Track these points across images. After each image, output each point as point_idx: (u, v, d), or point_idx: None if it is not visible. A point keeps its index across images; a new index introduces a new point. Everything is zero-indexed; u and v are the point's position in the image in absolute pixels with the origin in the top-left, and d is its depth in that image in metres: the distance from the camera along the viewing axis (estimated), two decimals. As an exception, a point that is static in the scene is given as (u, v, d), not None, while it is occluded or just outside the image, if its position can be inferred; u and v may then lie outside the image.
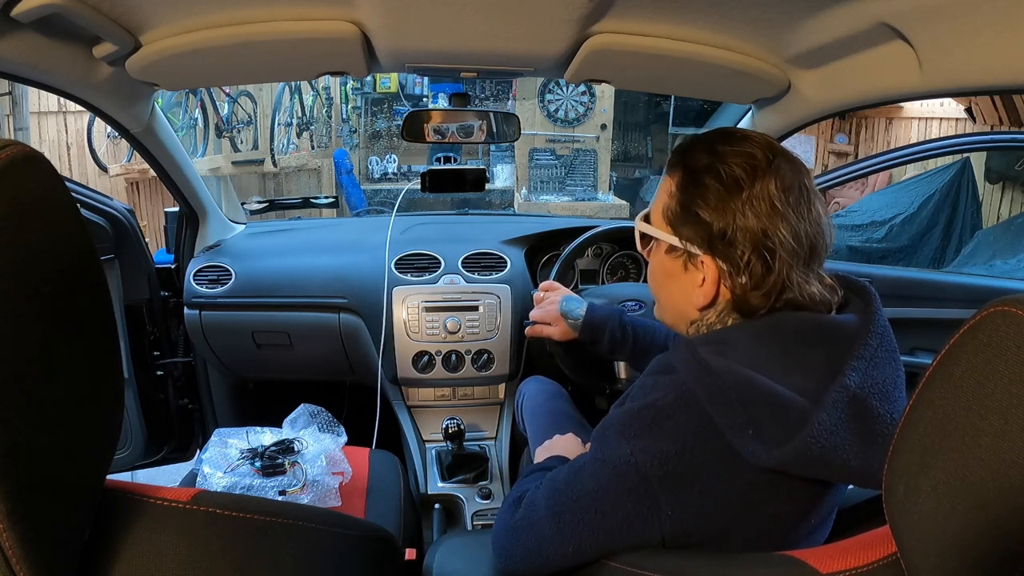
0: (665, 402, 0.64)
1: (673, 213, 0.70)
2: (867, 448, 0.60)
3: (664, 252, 0.73)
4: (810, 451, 0.58)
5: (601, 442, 0.67)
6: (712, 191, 0.67)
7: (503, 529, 0.74)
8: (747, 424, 0.60)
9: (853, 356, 0.63)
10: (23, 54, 0.81)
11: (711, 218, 0.67)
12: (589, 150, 5.67)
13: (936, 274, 1.83)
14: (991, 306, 0.39)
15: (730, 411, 0.60)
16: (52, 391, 0.40)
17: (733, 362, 0.62)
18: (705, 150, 0.69)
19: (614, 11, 0.84)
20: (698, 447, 0.61)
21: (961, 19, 0.67)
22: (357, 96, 5.99)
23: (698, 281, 0.70)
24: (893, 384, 0.65)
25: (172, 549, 0.49)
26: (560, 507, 0.67)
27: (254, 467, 1.07)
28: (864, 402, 0.61)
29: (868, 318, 0.67)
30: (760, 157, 0.66)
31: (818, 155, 6.50)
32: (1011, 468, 0.35)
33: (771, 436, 0.59)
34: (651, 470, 0.62)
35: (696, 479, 0.61)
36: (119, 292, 1.54)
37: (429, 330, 1.47)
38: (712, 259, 0.67)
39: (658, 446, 0.62)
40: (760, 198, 0.65)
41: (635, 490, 0.62)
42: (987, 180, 4.97)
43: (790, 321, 0.66)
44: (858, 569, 0.49)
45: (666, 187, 0.72)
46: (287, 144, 5.49)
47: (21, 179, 0.40)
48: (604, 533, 0.64)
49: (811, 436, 0.58)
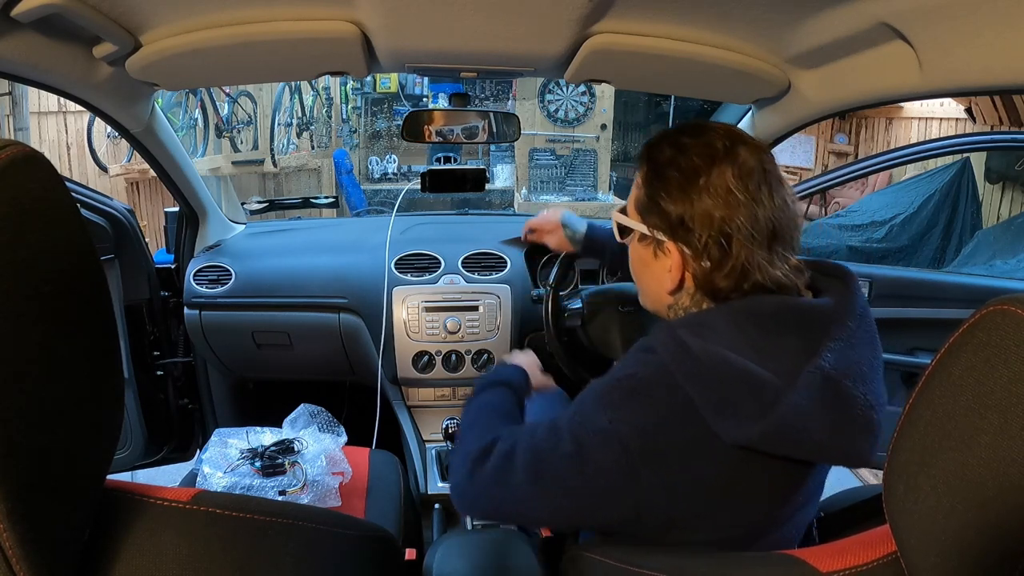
0: (643, 376, 0.66)
1: (642, 204, 0.74)
2: (838, 427, 0.62)
3: (637, 241, 0.77)
4: (780, 430, 0.60)
5: (580, 407, 0.69)
6: (673, 181, 0.70)
7: (468, 478, 0.72)
8: (722, 402, 0.62)
9: (830, 338, 0.65)
10: (23, 54, 0.81)
11: (672, 207, 0.70)
12: (589, 150, 5.67)
13: (936, 274, 1.83)
14: (990, 305, 0.39)
15: (707, 389, 0.62)
16: (52, 391, 0.40)
17: (711, 343, 0.64)
18: (669, 143, 0.73)
19: (614, 11, 0.84)
20: (675, 423, 0.63)
21: (961, 19, 0.67)
22: (357, 96, 5.99)
23: (667, 267, 0.73)
24: (870, 366, 0.66)
25: (172, 549, 0.49)
26: (541, 468, 0.67)
27: (254, 467, 1.08)
28: (839, 383, 0.63)
29: (846, 301, 0.69)
30: (719, 147, 0.69)
31: (818, 155, 6.51)
32: (1011, 466, 0.35)
33: (744, 414, 0.61)
34: (630, 440, 0.63)
35: (673, 454, 0.63)
36: (119, 292, 1.54)
37: (429, 330, 1.47)
38: (675, 244, 0.71)
39: (635, 417, 0.64)
40: (717, 185, 0.68)
41: (615, 459, 0.64)
42: (987, 180, 4.97)
43: (767, 304, 0.68)
44: (858, 568, 0.49)
45: (637, 180, 0.76)
46: (287, 144, 5.49)
47: (21, 179, 0.40)
48: (582, 498, 0.65)
49: (782, 415, 0.60)
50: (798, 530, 0.74)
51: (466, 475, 0.72)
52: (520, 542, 1.00)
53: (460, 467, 0.74)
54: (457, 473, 0.75)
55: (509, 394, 0.89)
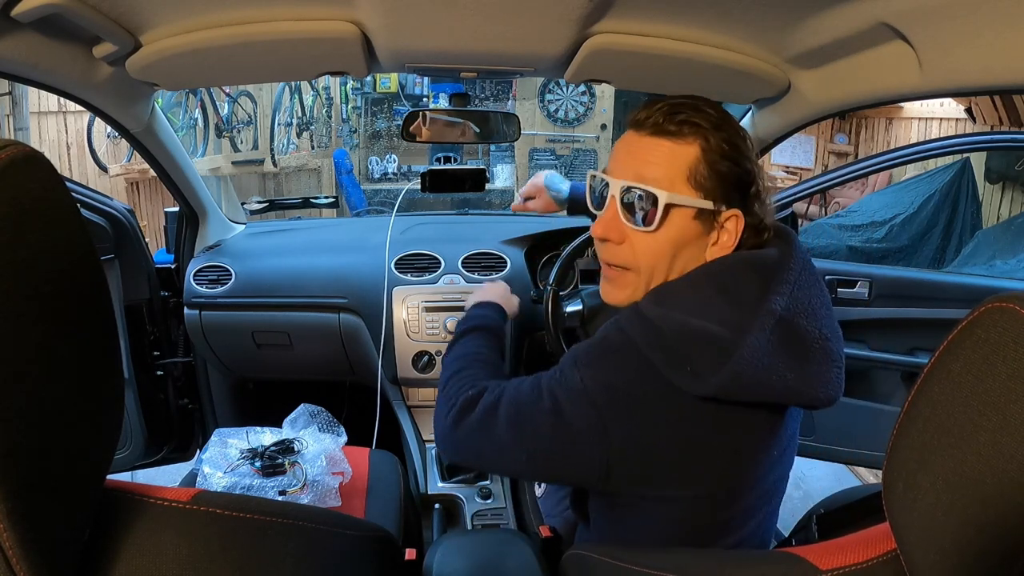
0: (613, 339, 0.71)
1: (703, 176, 0.71)
2: (802, 364, 0.66)
3: (691, 219, 0.72)
4: (744, 372, 0.63)
5: (559, 369, 0.74)
6: (742, 148, 0.72)
7: (452, 424, 0.78)
8: (683, 360, 0.65)
9: (777, 283, 0.68)
10: (23, 54, 0.81)
11: (751, 166, 0.72)
12: (589, 150, 5.67)
13: (936, 274, 1.83)
14: (989, 302, 0.39)
15: (665, 352, 0.66)
16: (52, 391, 0.40)
17: (669, 308, 0.68)
18: (702, 105, 0.72)
19: (614, 11, 0.84)
20: (640, 379, 0.67)
21: (961, 19, 0.67)
22: (357, 96, 5.99)
23: (714, 239, 0.73)
24: (820, 303, 0.71)
25: (172, 549, 0.49)
26: (521, 421, 0.73)
27: (254, 467, 1.08)
28: (792, 322, 0.67)
29: (788, 249, 0.73)
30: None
31: (818, 155, 6.51)
32: (1010, 463, 0.35)
33: (706, 366, 0.64)
34: (599, 396, 0.68)
35: (640, 407, 0.67)
36: (119, 292, 1.53)
37: (429, 330, 1.47)
38: (738, 211, 0.72)
39: (605, 376, 0.69)
40: (749, 143, 0.73)
41: (586, 414, 0.68)
42: (987, 180, 4.97)
43: (721, 263, 0.72)
44: (857, 566, 0.49)
45: (679, 152, 0.71)
46: (287, 144, 5.49)
47: (21, 179, 0.40)
48: (556, 449, 0.71)
49: (742, 358, 0.63)
50: (777, 494, 0.77)
51: (451, 423, 0.78)
52: (520, 542, 1.00)
53: (445, 415, 0.79)
54: (442, 421, 0.79)
55: (489, 338, 0.94)
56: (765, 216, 0.74)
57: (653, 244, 0.73)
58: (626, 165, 0.73)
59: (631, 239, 0.74)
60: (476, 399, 0.77)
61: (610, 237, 0.75)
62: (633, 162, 0.73)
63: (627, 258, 0.75)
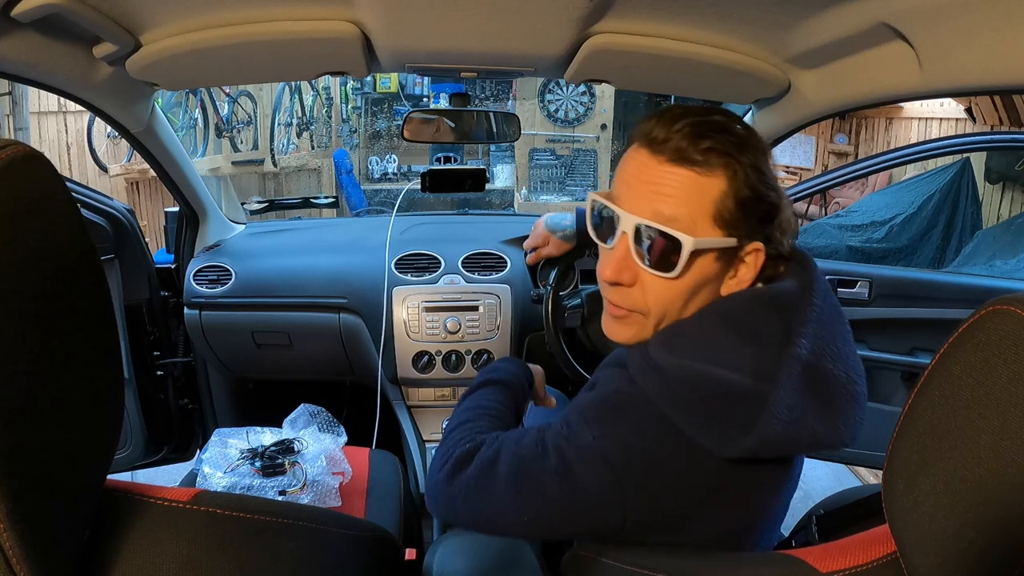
0: (625, 393, 0.64)
1: (729, 212, 0.62)
2: (828, 410, 0.61)
3: (713, 260, 0.64)
4: (775, 431, 0.58)
5: (566, 422, 0.67)
6: (767, 174, 0.64)
7: (445, 479, 0.70)
8: (707, 419, 0.60)
9: (800, 322, 0.62)
10: (23, 54, 0.81)
11: (767, 202, 0.63)
12: (589, 150, 5.67)
13: (936, 274, 1.83)
14: (990, 305, 0.39)
15: (686, 409, 0.60)
16: (52, 391, 0.40)
17: (683, 356, 0.61)
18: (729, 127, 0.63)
19: (614, 11, 0.84)
20: (658, 439, 0.61)
21: (961, 19, 0.67)
22: (357, 96, 5.99)
23: (732, 274, 0.66)
24: (843, 340, 0.65)
25: (172, 549, 0.49)
26: (524, 479, 0.65)
27: (254, 467, 1.08)
28: (819, 367, 0.61)
29: (808, 280, 0.66)
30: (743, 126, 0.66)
31: (818, 155, 6.51)
32: (1010, 467, 0.35)
33: (733, 426, 0.59)
34: (615, 457, 0.62)
35: (659, 469, 0.61)
36: (119, 292, 1.54)
37: (429, 330, 1.47)
38: (760, 244, 0.65)
39: (620, 434, 0.62)
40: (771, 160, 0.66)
41: (599, 475, 0.62)
42: (987, 180, 4.97)
43: (736, 300, 0.65)
44: (857, 568, 0.49)
45: (705, 186, 0.62)
46: (287, 144, 5.49)
47: (22, 179, 0.40)
48: (563, 509, 0.64)
49: (773, 416, 0.58)
50: (783, 510, 0.74)
51: (444, 478, 0.70)
52: (520, 542, 1.00)
53: (439, 469, 0.71)
54: (435, 475, 0.71)
55: (506, 395, 0.85)
56: (786, 243, 0.67)
57: (671, 290, 0.65)
58: (641, 197, 0.63)
59: (643, 282, 0.66)
60: (472, 453, 0.70)
61: (622, 281, 0.66)
62: (650, 195, 0.63)
63: (638, 302, 0.67)
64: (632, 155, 0.66)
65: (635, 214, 0.63)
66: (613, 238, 0.66)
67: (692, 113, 0.63)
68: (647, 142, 0.64)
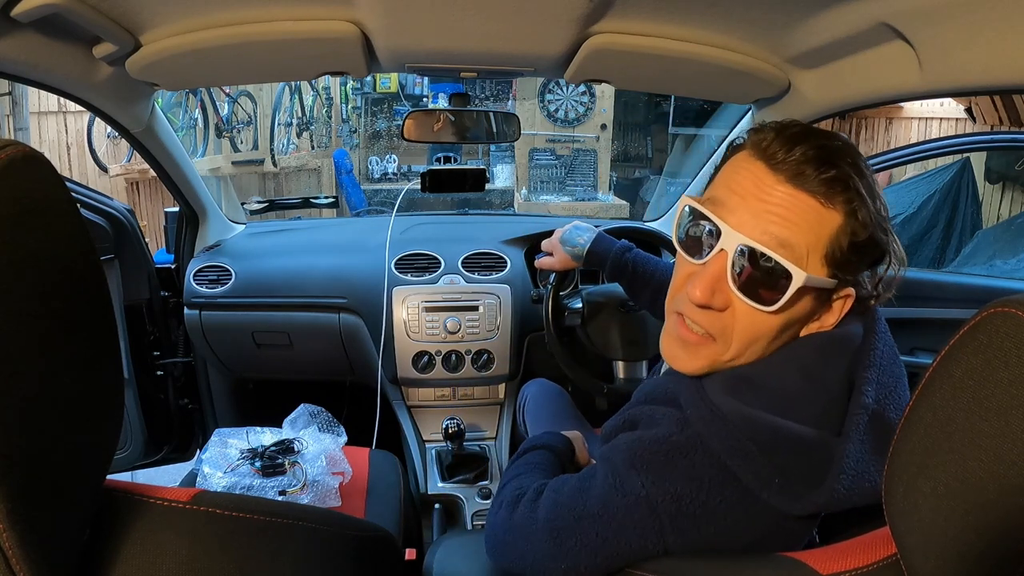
0: (678, 440, 0.58)
1: (840, 251, 0.56)
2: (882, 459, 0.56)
3: (812, 299, 0.59)
4: (844, 487, 0.55)
5: (610, 466, 0.61)
6: (885, 216, 0.57)
7: (498, 526, 0.71)
8: (772, 474, 0.55)
9: (864, 367, 0.59)
10: (23, 54, 0.81)
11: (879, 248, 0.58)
12: (589, 150, 5.66)
13: (936, 274, 1.83)
14: (991, 307, 0.39)
15: (750, 461, 0.55)
16: (52, 391, 0.40)
17: (746, 403, 0.56)
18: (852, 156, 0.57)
19: (614, 11, 0.84)
20: (715, 490, 0.56)
21: (961, 19, 0.67)
22: (357, 96, 5.99)
23: (817, 316, 0.61)
24: (902, 386, 0.62)
25: (172, 549, 0.49)
26: (560, 523, 0.62)
27: (254, 467, 1.08)
28: (883, 416, 0.57)
29: (871, 323, 0.63)
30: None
31: (818, 155, 6.49)
32: (1011, 469, 0.35)
33: (799, 479, 0.55)
34: (663, 506, 0.57)
35: (711, 520, 0.57)
36: (119, 292, 1.54)
37: (429, 330, 1.47)
38: (852, 291, 0.60)
39: (673, 484, 0.57)
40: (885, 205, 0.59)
41: (643, 523, 0.58)
42: (987, 180, 4.97)
43: (808, 345, 0.60)
44: (858, 570, 0.49)
45: (825, 219, 0.56)
46: (287, 144, 5.49)
47: (21, 179, 0.40)
48: (601, 557, 0.60)
49: (842, 472, 0.54)
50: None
51: (497, 523, 0.71)
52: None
53: (494, 514, 0.73)
54: (491, 518, 0.74)
55: (552, 458, 0.84)
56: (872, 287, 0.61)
57: (762, 325, 0.59)
58: (753, 214, 0.56)
59: (736, 309, 0.59)
60: (519, 499, 0.69)
61: (714, 305, 0.58)
62: (764, 214, 0.56)
63: (725, 329, 0.60)
64: (744, 164, 0.59)
65: (743, 232, 0.56)
66: (707, 254, 0.59)
67: (816, 135, 0.58)
68: (763, 155, 0.57)
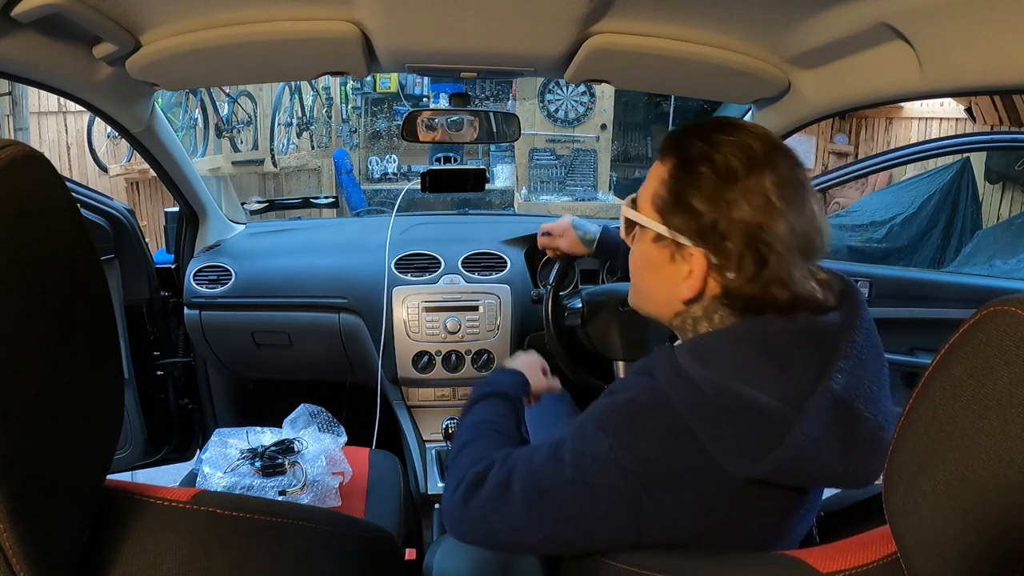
0: (645, 401, 0.63)
1: (663, 200, 0.68)
2: (851, 452, 0.59)
3: (651, 241, 0.70)
4: (791, 460, 0.57)
5: (580, 430, 0.65)
6: (706, 180, 0.64)
7: (460, 502, 0.69)
8: (728, 435, 0.59)
9: (839, 357, 0.61)
10: (23, 54, 0.81)
11: (703, 208, 0.64)
12: (589, 150, 5.66)
13: (936, 274, 1.83)
14: (991, 306, 0.39)
15: (710, 422, 0.60)
16: (52, 391, 0.40)
17: (713, 371, 0.61)
18: (701, 138, 0.67)
19: (614, 11, 0.84)
20: (678, 453, 0.61)
21: (961, 19, 0.67)
22: (357, 96, 5.99)
23: (684, 273, 0.67)
24: (879, 384, 0.63)
25: (172, 549, 0.49)
26: (539, 495, 0.64)
27: (254, 467, 1.08)
28: (850, 406, 0.60)
29: (854, 316, 0.65)
30: (757, 148, 0.64)
31: (818, 155, 6.50)
32: (1011, 468, 0.35)
33: (752, 446, 0.58)
34: (632, 468, 0.61)
35: (678, 484, 0.61)
36: (119, 292, 1.54)
37: (429, 330, 1.47)
38: (702, 251, 0.65)
39: (637, 445, 0.61)
40: (755, 191, 0.63)
41: (616, 487, 0.61)
42: (987, 180, 4.97)
43: (774, 325, 0.64)
44: (858, 569, 0.49)
45: (657, 174, 0.70)
46: (287, 144, 5.49)
47: (22, 179, 0.40)
48: (581, 525, 0.63)
49: (792, 445, 0.57)
50: (801, 533, 0.72)
51: (459, 502, 0.69)
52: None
53: (452, 492, 0.70)
54: (449, 498, 0.71)
55: (504, 407, 0.84)
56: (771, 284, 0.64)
57: (632, 261, 0.76)
58: None
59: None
60: (484, 475, 0.69)
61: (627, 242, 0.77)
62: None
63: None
64: None
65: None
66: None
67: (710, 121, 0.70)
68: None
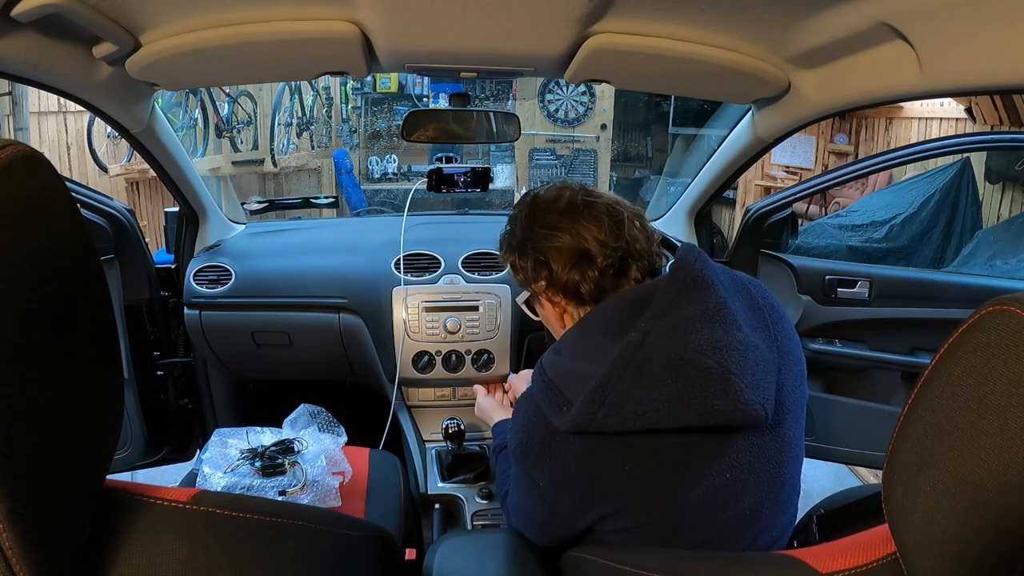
0: (523, 395, 0.80)
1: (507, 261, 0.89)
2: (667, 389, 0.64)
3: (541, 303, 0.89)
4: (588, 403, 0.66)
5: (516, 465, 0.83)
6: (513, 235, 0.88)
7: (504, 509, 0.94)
8: (559, 401, 0.70)
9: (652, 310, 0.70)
10: (23, 54, 0.81)
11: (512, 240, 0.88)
12: (589, 150, 5.67)
13: (936, 274, 1.83)
14: (989, 305, 0.39)
15: (550, 394, 0.72)
16: (52, 391, 0.40)
17: (562, 357, 0.75)
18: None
19: (614, 11, 0.84)
20: (535, 427, 0.74)
21: (961, 19, 0.67)
22: (357, 96, 5.99)
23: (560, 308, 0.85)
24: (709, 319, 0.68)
25: (172, 549, 0.49)
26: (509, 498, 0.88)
27: (254, 467, 1.08)
28: (657, 347, 0.66)
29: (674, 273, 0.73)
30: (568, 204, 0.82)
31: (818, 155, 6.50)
32: (1010, 468, 0.35)
33: (566, 402, 0.69)
34: (515, 451, 0.77)
35: (541, 455, 0.73)
36: (119, 292, 1.53)
37: (429, 330, 1.47)
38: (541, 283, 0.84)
39: (515, 432, 0.78)
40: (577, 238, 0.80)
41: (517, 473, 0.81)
42: (987, 180, 4.96)
43: (606, 306, 0.77)
44: (857, 568, 0.49)
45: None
46: (287, 144, 5.49)
47: (22, 179, 0.40)
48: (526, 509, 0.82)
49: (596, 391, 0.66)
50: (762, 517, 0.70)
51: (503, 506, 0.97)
52: (520, 542, 1.00)
53: (502, 500, 0.97)
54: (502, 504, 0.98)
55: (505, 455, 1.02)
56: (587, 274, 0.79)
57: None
58: None
59: None
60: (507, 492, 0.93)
61: None
62: None
63: None
64: None
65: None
66: None
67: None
68: None
